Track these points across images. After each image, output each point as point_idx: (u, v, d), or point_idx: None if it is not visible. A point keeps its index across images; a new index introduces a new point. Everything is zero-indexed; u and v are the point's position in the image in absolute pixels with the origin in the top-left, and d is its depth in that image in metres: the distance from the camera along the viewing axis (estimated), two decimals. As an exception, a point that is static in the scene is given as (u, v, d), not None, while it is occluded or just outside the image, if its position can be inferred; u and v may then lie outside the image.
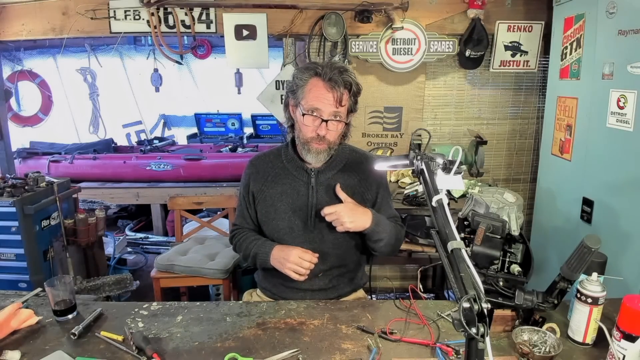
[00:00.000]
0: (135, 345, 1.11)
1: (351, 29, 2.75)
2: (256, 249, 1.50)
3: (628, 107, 1.85)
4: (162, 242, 4.09)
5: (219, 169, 4.50)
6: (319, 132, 1.38)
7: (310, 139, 1.41)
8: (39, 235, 2.45)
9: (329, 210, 1.38)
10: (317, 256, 1.43)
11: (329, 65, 1.37)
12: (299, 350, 1.13)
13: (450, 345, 1.13)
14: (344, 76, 1.35)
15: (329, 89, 1.35)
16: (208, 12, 2.73)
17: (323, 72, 1.35)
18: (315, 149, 1.42)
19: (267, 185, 1.52)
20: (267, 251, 1.46)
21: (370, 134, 2.98)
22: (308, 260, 1.40)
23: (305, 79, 1.38)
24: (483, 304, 0.75)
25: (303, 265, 1.39)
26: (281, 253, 1.43)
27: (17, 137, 4.76)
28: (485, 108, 3.01)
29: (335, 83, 1.34)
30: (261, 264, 1.50)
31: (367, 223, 1.40)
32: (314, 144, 1.41)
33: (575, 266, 1.09)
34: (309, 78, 1.38)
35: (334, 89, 1.34)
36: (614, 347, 1.03)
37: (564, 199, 2.38)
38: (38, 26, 2.79)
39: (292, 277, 1.41)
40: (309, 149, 1.42)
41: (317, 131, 1.38)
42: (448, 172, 1.16)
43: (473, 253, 1.19)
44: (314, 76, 1.37)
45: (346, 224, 1.37)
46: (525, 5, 2.79)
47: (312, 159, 1.45)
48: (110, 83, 6.17)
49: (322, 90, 1.35)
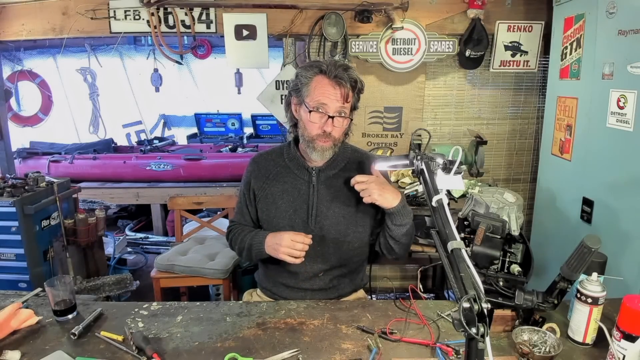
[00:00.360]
0: (135, 345, 1.11)
1: (351, 29, 2.75)
2: (250, 240, 1.49)
3: (628, 107, 1.85)
4: (162, 242, 4.09)
5: (219, 169, 4.50)
6: (326, 129, 1.38)
7: (316, 136, 1.40)
8: (39, 235, 2.45)
9: (360, 178, 1.35)
10: (310, 237, 1.38)
11: (333, 62, 1.38)
12: (299, 350, 1.13)
13: (450, 345, 1.13)
14: (349, 72, 1.36)
15: (335, 85, 1.35)
16: (208, 12, 2.73)
17: (328, 70, 1.35)
18: (320, 147, 1.41)
19: (269, 184, 1.52)
20: (261, 240, 1.44)
21: (370, 134, 2.98)
22: (300, 242, 1.36)
23: (310, 77, 1.38)
24: (483, 304, 0.75)
25: (296, 247, 1.36)
26: (274, 239, 1.41)
27: (17, 137, 4.76)
28: (485, 108, 3.01)
29: (341, 79, 1.34)
30: (257, 254, 1.48)
31: (395, 201, 1.36)
32: (319, 141, 1.41)
33: (575, 266, 1.09)
34: (314, 76, 1.37)
35: (340, 85, 1.35)
36: (614, 347, 1.03)
37: (564, 199, 2.38)
38: (38, 26, 2.79)
39: (288, 261, 1.37)
40: (315, 146, 1.42)
41: (324, 128, 1.38)
42: (448, 172, 1.16)
43: (473, 253, 1.19)
44: (319, 74, 1.37)
45: (374, 195, 1.33)
46: (525, 5, 2.79)
47: (318, 157, 1.44)
48: (110, 83, 6.17)
49: (328, 87, 1.36)
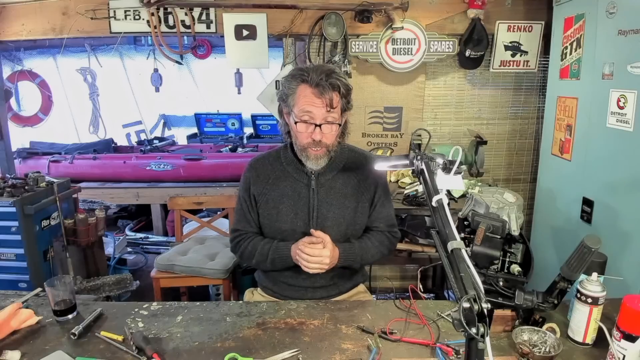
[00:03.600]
0: (135, 345, 1.11)
1: (351, 29, 2.75)
2: (272, 254, 1.49)
3: (628, 107, 1.85)
4: (162, 242, 4.09)
5: (219, 169, 4.50)
6: (314, 138, 1.38)
7: (306, 144, 1.40)
8: (39, 235, 2.45)
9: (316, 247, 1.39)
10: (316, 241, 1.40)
11: (315, 69, 1.36)
12: (299, 350, 1.13)
13: (450, 345, 1.13)
14: (330, 80, 1.34)
15: (318, 94, 1.34)
16: (208, 12, 2.73)
17: (310, 79, 1.34)
18: (313, 155, 1.42)
19: (268, 188, 1.52)
20: (287, 254, 1.46)
21: (370, 134, 2.98)
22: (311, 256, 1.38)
23: (293, 88, 1.38)
24: (483, 304, 0.75)
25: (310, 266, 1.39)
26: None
27: (17, 137, 4.77)
28: (485, 108, 3.01)
29: (322, 88, 1.33)
30: (281, 264, 1.49)
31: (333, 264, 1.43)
32: (311, 150, 1.41)
33: (575, 266, 1.09)
34: (297, 86, 1.37)
35: (323, 94, 1.33)
36: (614, 347, 1.03)
37: (564, 199, 2.38)
38: (38, 26, 2.79)
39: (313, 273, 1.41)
40: (308, 155, 1.42)
41: (312, 136, 1.38)
42: (448, 172, 1.16)
43: (473, 253, 1.19)
44: (302, 83, 1.36)
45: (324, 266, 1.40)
46: (525, 5, 2.79)
47: (313, 165, 1.45)
48: (110, 83, 6.16)
49: (311, 97, 1.35)
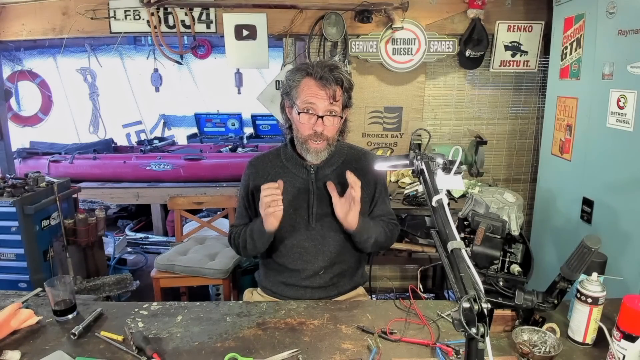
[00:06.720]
0: (135, 345, 1.11)
1: (351, 29, 2.75)
2: (249, 229, 1.50)
3: (628, 107, 1.85)
4: (162, 242, 4.09)
5: (219, 169, 4.50)
6: (316, 129, 1.40)
7: (308, 136, 1.43)
8: (39, 235, 2.45)
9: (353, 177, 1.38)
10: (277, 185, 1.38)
11: (320, 64, 1.41)
12: (299, 350, 1.13)
13: (450, 345, 1.13)
14: (334, 73, 1.38)
15: (322, 86, 1.38)
16: (208, 12, 2.73)
17: (314, 72, 1.39)
18: (314, 149, 1.44)
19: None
20: (258, 222, 1.45)
21: (370, 134, 2.98)
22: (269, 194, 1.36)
23: (298, 80, 1.41)
24: (483, 304, 0.75)
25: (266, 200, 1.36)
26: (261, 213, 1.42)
27: (17, 137, 4.77)
28: (485, 108, 3.01)
29: (326, 80, 1.37)
30: (259, 236, 1.47)
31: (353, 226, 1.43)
32: (311, 143, 1.43)
33: (575, 266, 1.09)
34: (301, 79, 1.41)
35: (326, 86, 1.37)
36: (614, 347, 1.03)
37: (564, 199, 2.38)
38: (38, 26, 2.79)
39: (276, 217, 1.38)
40: (308, 148, 1.44)
41: (315, 128, 1.41)
42: (448, 172, 1.16)
43: (473, 253, 1.19)
44: (306, 76, 1.40)
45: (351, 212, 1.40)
46: (525, 5, 2.79)
47: (313, 158, 1.47)
48: (110, 83, 6.17)
49: (315, 89, 1.39)
